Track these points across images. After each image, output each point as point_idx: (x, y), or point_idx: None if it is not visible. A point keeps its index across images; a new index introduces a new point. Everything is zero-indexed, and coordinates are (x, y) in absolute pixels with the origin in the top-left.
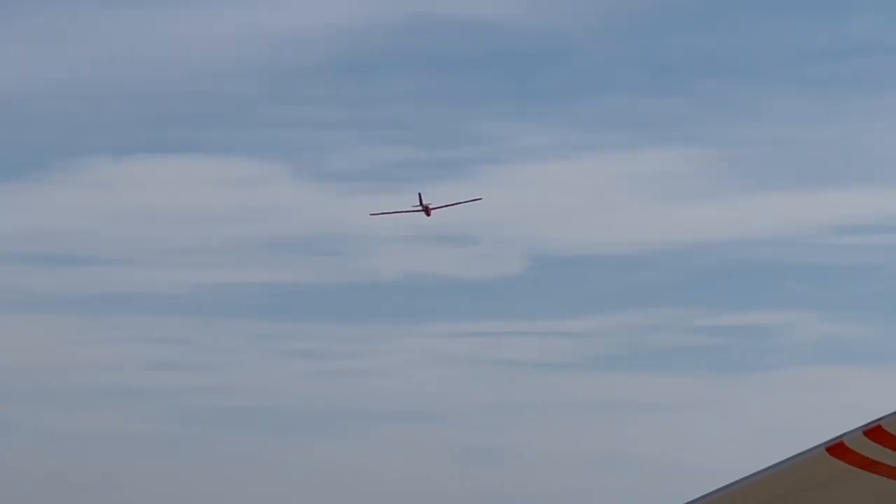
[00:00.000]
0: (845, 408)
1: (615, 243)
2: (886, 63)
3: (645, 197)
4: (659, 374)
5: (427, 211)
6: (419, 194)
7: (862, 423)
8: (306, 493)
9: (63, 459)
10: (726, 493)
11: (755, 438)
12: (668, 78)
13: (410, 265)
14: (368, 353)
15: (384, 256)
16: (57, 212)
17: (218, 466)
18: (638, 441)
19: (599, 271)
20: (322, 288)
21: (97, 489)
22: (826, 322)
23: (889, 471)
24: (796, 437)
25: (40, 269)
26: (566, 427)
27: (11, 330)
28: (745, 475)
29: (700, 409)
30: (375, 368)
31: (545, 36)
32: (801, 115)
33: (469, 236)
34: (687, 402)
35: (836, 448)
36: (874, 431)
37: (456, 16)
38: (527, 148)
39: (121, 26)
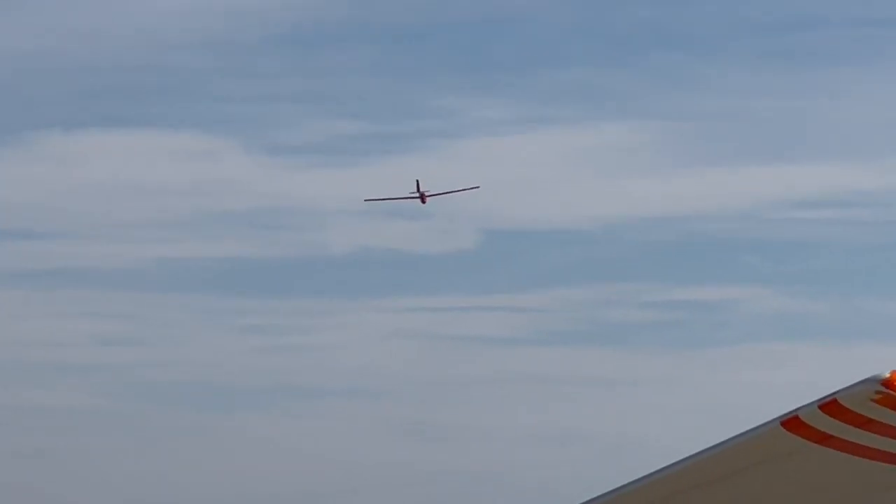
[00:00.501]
0: (800, 383)
1: (568, 218)
2: (840, 36)
3: (598, 171)
4: (612, 349)
5: (423, 198)
6: (416, 181)
7: (817, 398)
8: (255, 470)
9: (9, 435)
10: (680, 468)
11: (709, 414)
12: (621, 51)
13: (361, 239)
14: (318, 328)
15: (335, 231)
16: (6, 186)
17: (166, 442)
18: (590, 416)
19: (552, 246)
20: (272, 262)
21: (43, 464)
22: (780, 297)
23: (844, 445)
24: (750, 412)
25: None
26: (517, 402)
27: None
28: (699, 450)
29: (652, 385)
30: (325, 344)
31: (498, 8)
32: (757, 88)
33: (421, 210)
34: (639, 378)
35: (791, 422)
36: (829, 406)
37: None
38: (479, 122)
39: None
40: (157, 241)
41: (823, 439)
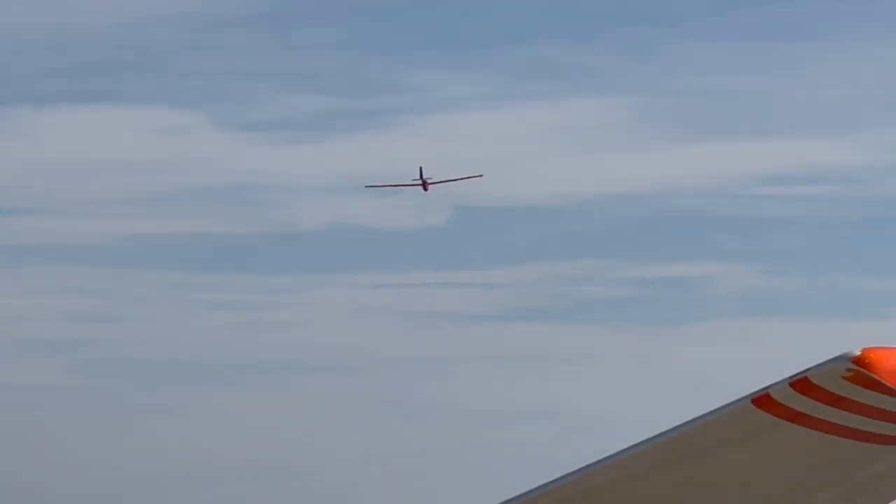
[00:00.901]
0: (771, 360)
1: (539, 194)
2: (811, 12)
3: (569, 147)
4: (583, 325)
5: (425, 185)
6: (420, 168)
7: (788, 375)
8: (225, 446)
9: None
10: (649, 446)
11: (679, 391)
12: (591, 27)
13: (332, 215)
14: (289, 304)
15: (306, 207)
16: None
17: (137, 419)
18: (560, 393)
19: (523, 222)
20: (243, 238)
21: (12, 441)
22: (752, 274)
23: (814, 422)
24: (722, 389)
25: None
26: (488, 379)
27: None
28: (669, 428)
29: (623, 362)
30: (295, 320)
31: None
32: (726, 64)
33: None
34: (610, 355)
35: (762, 400)
36: (800, 383)
37: None
38: (450, 98)
39: None
40: (127, 217)
41: (794, 417)
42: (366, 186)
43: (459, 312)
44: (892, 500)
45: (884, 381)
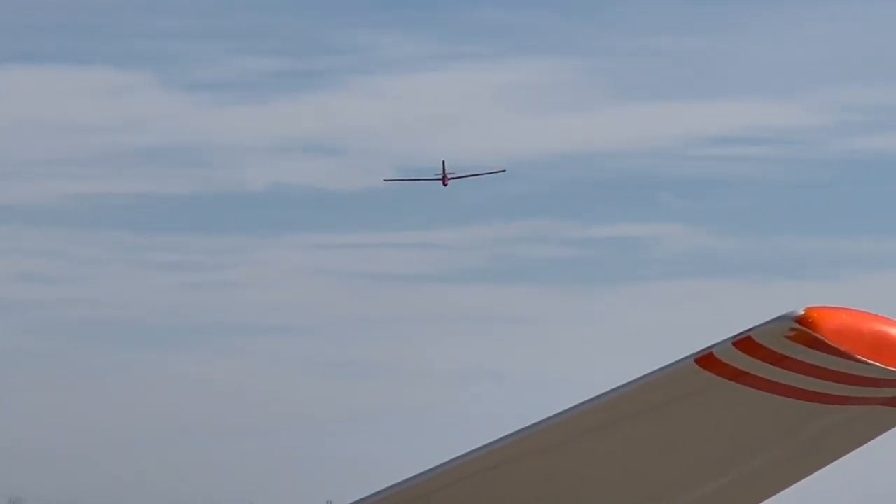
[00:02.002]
0: (716, 321)
1: (483, 154)
2: None
3: (513, 107)
4: (529, 286)
5: (444, 180)
6: (443, 162)
7: (731, 335)
8: (174, 408)
9: None
10: (594, 405)
11: (625, 351)
12: None
13: (278, 176)
14: (236, 265)
15: (251, 167)
16: None
17: (86, 380)
18: (507, 354)
19: (469, 182)
20: (189, 199)
21: None
22: (697, 235)
23: (758, 382)
24: (667, 349)
25: None
26: (434, 339)
27: None
28: (613, 387)
29: (569, 322)
30: (242, 281)
31: None
32: (671, 25)
33: (336, 147)
34: (556, 315)
35: (705, 359)
36: (744, 343)
37: None
38: (395, 58)
39: None
40: (75, 178)
41: (738, 376)
42: (384, 180)
43: (406, 273)
44: (835, 459)
45: (827, 341)
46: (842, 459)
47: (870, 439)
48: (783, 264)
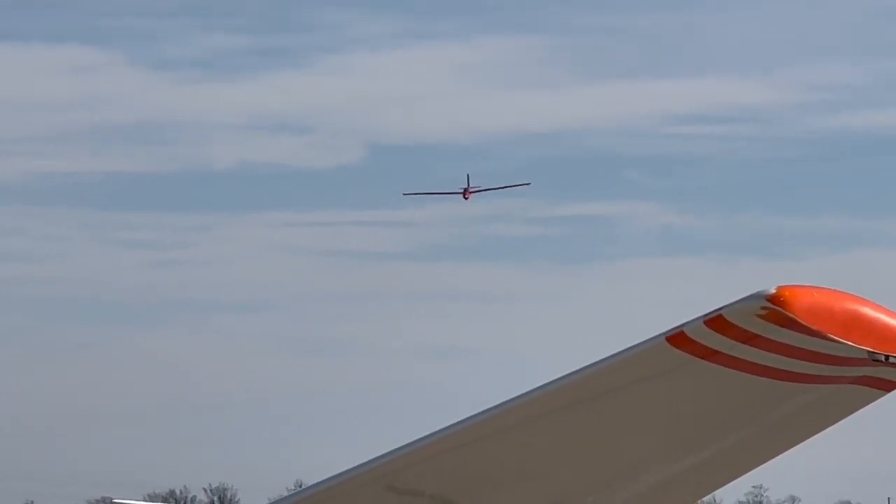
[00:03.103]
0: (685, 299)
1: (452, 132)
2: None
3: (482, 86)
4: (497, 264)
5: (465, 194)
6: (467, 176)
7: (702, 313)
8: (143, 383)
9: None
10: (565, 383)
11: (595, 328)
12: None
13: (245, 154)
14: (203, 242)
15: (218, 145)
16: None
17: (53, 356)
18: (476, 331)
19: (436, 160)
20: (156, 177)
21: None
22: (666, 213)
23: (729, 360)
24: (637, 326)
25: None
26: (404, 316)
27: None
28: (585, 365)
29: (538, 299)
30: (210, 258)
31: None
32: (637, 4)
33: (305, 125)
34: (526, 293)
35: (677, 337)
36: (715, 321)
37: None
38: (363, 36)
39: None
40: (43, 156)
41: (709, 354)
42: (404, 194)
43: (373, 251)
44: (806, 438)
45: (798, 320)
46: (812, 438)
47: (841, 418)
48: (752, 242)
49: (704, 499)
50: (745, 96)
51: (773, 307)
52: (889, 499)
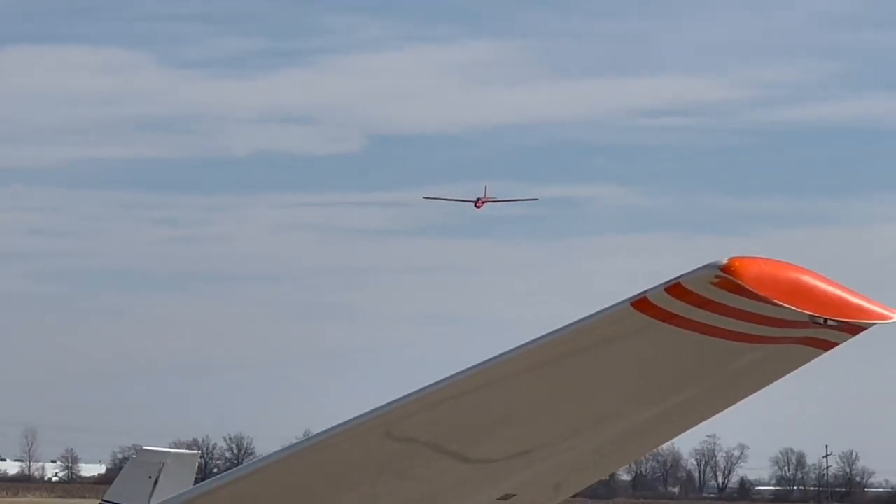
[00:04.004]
0: (647, 269)
1: (443, 124)
2: None
3: (468, 83)
4: (481, 240)
5: (477, 203)
6: (485, 186)
7: (662, 281)
8: (167, 344)
9: None
10: (539, 344)
11: (567, 296)
12: None
13: (259, 143)
14: (221, 220)
15: (236, 135)
16: None
17: (88, 320)
18: (463, 299)
19: (428, 149)
20: (181, 163)
21: None
22: (629, 195)
23: (687, 323)
24: (606, 295)
25: None
26: (401, 287)
27: None
28: (559, 327)
29: (518, 271)
30: (229, 235)
31: None
32: (606, 10)
33: (311, 118)
34: (506, 265)
35: (640, 303)
36: (674, 288)
37: None
38: (363, 40)
39: None
40: (81, 144)
41: (669, 318)
42: (424, 197)
43: (372, 228)
44: (754, 391)
45: (747, 287)
46: (760, 392)
47: (786, 373)
48: (705, 221)
49: (663, 446)
50: (699, 93)
51: (725, 276)
52: (827, 446)
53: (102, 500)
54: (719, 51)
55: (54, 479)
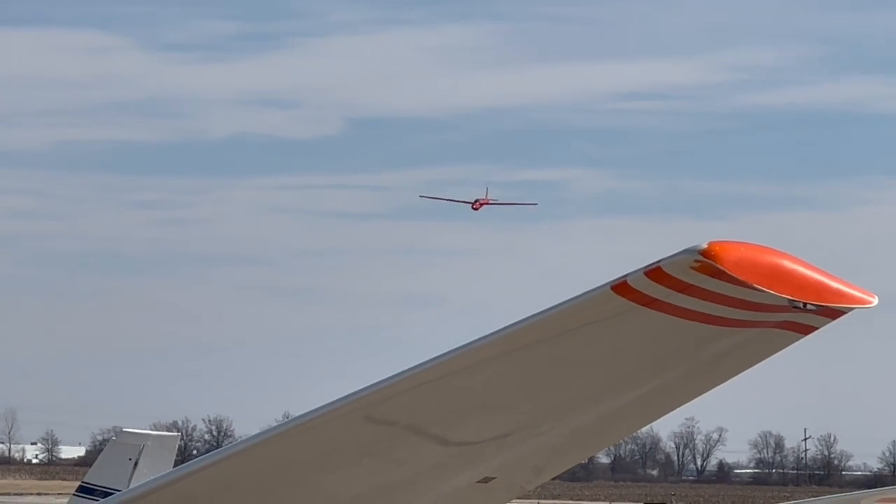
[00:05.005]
0: (625, 252)
1: (421, 107)
2: None
3: (446, 66)
4: (461, 223)
5: (475, 205)
6: (486, 188)
7: (642, 265)
8: (146, 326)
9: None
10: (522, 326)
11: (547, 278)
12: None
13: (239, 126)
14: (202, 203)
15: (215, 118)
16: None
17: (68, 302)
18: (443, 281)
19: (407, 131)
20: (161, 146)
21: None
22: (608, 178)
23: (666, 307)
24: (583, 277)
25: None
26: (381, 270)
27: None
28: (538, 311)
29: (497, 254)
30: (208, 218)
31: None
32: None
33: (291, 101)
34: (486, 248)
35: (620, 287)
36: (654, 272)
37: None
38: (342, 23)
39: None
40: (61, 127)
41: (649, 302)
42: (420, 196)
43: (351, 211)
44: (734, 375)
45: (727, 271)
46: (739, 375)
47: (765, 357)
48: (682, 204)
49: (642, 429)
50: (677, 76)
51: (705, 260)
52: (805, 429)
53: (83, 483)
54: (698, 35)
55: (34, 461)
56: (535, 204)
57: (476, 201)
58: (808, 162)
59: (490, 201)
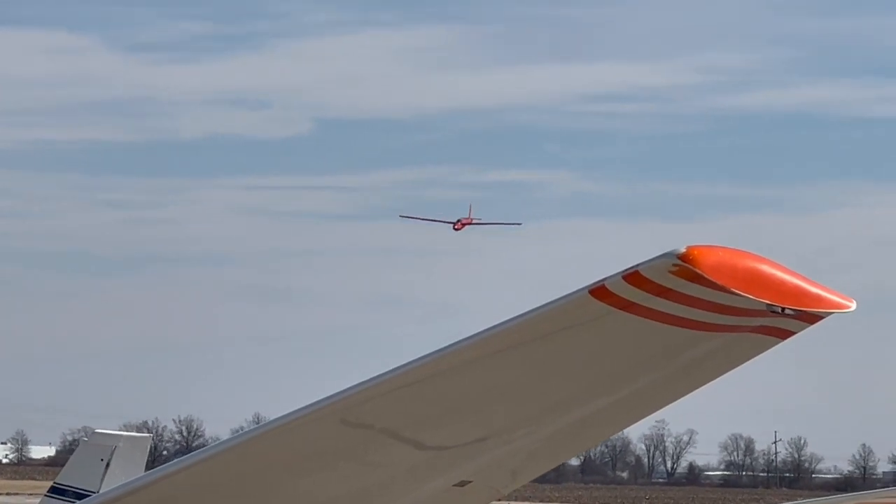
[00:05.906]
0: (596, 254)
1: (391, 108)
2: None
3: (416, 68)
4: (434, 224)
5: (456, 225)
6: (470, 206)
7: (621, 269)
8: (117, 326)
9: None
10: (499, 330)
11: (518, 280)
12: None
13: (210, 126)
14: (172, 203)
15: (186, 118)
16: None
17: (39, 302)
18: (415, 283)
19: (377, 133)
20: (132, 146)
21: None
22: (579, 180)
23: (645, 311)
24: (554, 279)
25: None
26: (353, 271)
27: None
28: (515, 315)
29: (468, 255)
30: (179, 218)
31: None
32: None
33: (261, 101)
34: (456, 250)
35: (598, 291)
36: (632, 276)
37: None
38: (311, 24)
39: None
40: (31, 127)
41: (627, 306)
42: (400, 216)
43: (321, 211)
44: (711, 379)
45: (705, 275)
46: (717, 380)
47: (743, 362)
48: (652, 206)
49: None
50: (646, 79)
51: (684, 264)
52: (776, 432)
53: (55, 483)
54: (669, 37)
55: (4, 460)
56: (520, 224)
57: (458, 221)
58: (779, 164)
59: (473, 221)
